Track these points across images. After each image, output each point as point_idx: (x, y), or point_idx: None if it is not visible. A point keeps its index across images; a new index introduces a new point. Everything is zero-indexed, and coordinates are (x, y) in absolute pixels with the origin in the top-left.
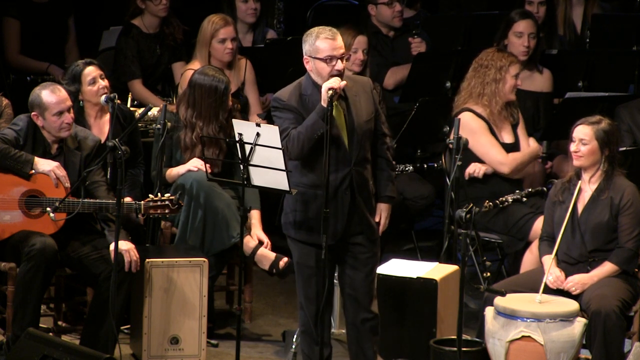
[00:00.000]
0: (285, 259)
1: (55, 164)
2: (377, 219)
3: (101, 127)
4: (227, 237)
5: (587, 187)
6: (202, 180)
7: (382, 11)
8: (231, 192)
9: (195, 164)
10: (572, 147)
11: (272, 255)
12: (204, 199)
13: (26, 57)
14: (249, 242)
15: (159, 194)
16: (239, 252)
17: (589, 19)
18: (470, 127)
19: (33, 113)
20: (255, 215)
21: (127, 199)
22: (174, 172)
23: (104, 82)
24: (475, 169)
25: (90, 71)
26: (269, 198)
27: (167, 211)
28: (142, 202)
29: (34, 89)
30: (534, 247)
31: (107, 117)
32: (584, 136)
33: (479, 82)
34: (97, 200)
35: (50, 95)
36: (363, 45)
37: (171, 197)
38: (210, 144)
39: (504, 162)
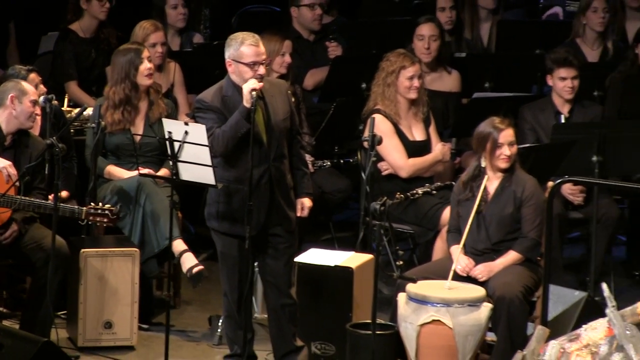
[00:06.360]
0: (200, 268)
1: (8, 163)
2: (298, 213)
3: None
4: (156, 242)
5: (491, 183)
6: (145, 182)
7: (304, 13)
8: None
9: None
10: (505, 151)
11: (193, 261)
12: (144, 200)
13: None
14: (179, 245)
15: (100, 203)
16: (169, 246)
17: (494, 37)
18: (379, 129)
19: (11, 95)
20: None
21: (64, 193)
22: (116, 174)
23: (44, 88)
24: (384, 166)
25: (34, 77)
26: (194, 192)
27: (105, 220)
28: (84, 208)
29: (8, 80)
30: (444, 234)
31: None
32: (512, 138)
33: (380, 85)
34: (36, 200)
35: (29, 84)
36: (289, 49)
37: (111, 208)
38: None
39: (403, 167)
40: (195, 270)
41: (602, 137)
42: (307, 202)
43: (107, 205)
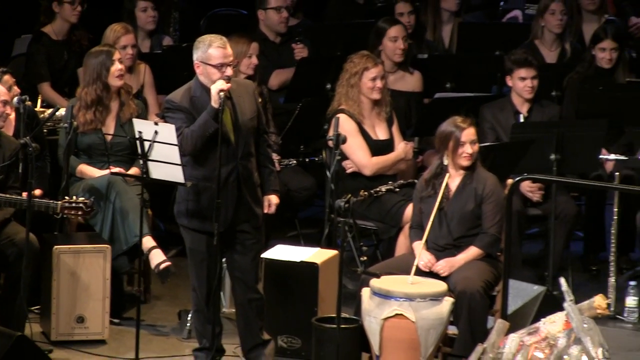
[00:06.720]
0: (167, 264)
1: None
2: (265, 210)
3: (7, 126)
4: (125, 239)
5: (453, 180)
6: (115, 180)
7: (270, 16)
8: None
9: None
10: (467, 149)
11: (161, 257)
12: (114, 198)
13: None
14: (148, 242)
15: (74, 197)
16: (139, 243)
17: (455, 39)
18: (343, 128)
19: None
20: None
21: (37, 191)
22: (88, 172)
23: (18, 89)
24: (348, 164)
25: (7, 79)
26: (164, 190)
27: (80, 213)
28: (59, 202)
29: None
30: (407, 230)
31: (11, 116)
32: (474, 136)
33: (344, 86)
34: (9, 196)
35: (1, 86)
36: (256, 50)
37: (85, 201)
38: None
39: (367, 165)
40: (162, 266)
41: (560, 136)
42: (273, 199)
43: (81, 199)
